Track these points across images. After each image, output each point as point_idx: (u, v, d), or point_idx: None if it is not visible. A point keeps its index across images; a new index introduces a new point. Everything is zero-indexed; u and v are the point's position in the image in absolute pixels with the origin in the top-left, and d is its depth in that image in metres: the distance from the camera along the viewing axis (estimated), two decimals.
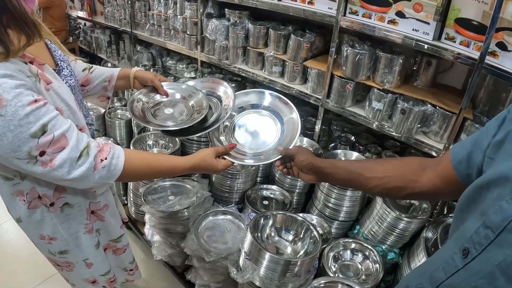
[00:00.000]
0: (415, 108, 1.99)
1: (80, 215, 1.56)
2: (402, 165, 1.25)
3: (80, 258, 1.67)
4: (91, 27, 5.50)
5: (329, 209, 2.20)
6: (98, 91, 1.85)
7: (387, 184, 1.25)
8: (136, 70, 1.88)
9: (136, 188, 2.57)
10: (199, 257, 2.04)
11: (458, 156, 1.01)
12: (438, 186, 1.11)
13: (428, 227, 1.92)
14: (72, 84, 1.45)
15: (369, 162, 1.41)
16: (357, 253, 2.05)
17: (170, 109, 1.81)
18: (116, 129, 3.07)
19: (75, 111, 1.34)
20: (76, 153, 1.20)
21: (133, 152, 1.46)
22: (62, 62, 1.46)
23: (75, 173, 1.21)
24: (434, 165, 1.14)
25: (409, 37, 1.90)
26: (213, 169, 1.55)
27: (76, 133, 1.23)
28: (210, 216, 2.20)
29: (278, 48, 2.62)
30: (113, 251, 1.87)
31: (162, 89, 1.84)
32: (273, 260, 1.60)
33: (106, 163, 1.27)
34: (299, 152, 1.51)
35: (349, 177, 1.38)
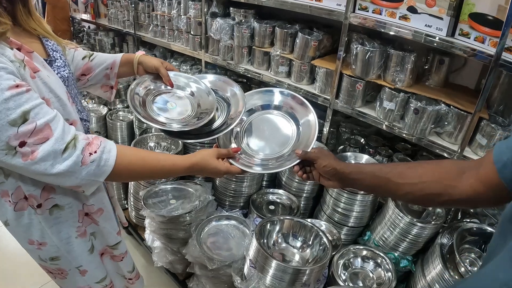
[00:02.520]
0: (429, 108, 1.90)
1: (71, 218, 1.43)
2: (438, 169, 1.13)
3: (73, 266, 1.54)
4: (94, 30, 5.47)
5: (338, 214, 2.11)
6: (100, 80, 1.73)
7: (421, 191, 1.14)
8: (140, 54, 1.74)
9: (136, 192, 2.48)
10: (201, 264, 1.95)
11: (503, 158, 0.91)
12: (480, 191, 1.00)
13: (443, 232, 1.83)
14: (65, 75, 1.36)
15: (399, 167, 1.28)
16: (368, 261, 1.96)
17: (173, 103, 1.66)
18: (117, 131, 3.01)
19: (65, 103, 1.25)
20: (61, 145, 1.10)
21: (127, 148, 1.34)
22: (54, 53, 1.37)
23: (60, 168, 1.10)
24: (474, 168, 1.03)
25: (422, 33, 1.82)
26: (214, 170, 1.41)
27: (62, 123, 1.13)
28: (213, 221, 2.11)
29: (284, 47, 2.53)
30: (111, 256, 1.74)
31: (167, 78, 1.67)
32: (280, 268, 1.51)
33: (95, 157, 1.16)
34: (321, 155, 1.35)
35: (377, 183, 1.25)
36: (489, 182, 0.96)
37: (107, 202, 1.57)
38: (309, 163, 1.40)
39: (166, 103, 1.65)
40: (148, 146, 2.62)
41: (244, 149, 1.56)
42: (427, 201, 1.18)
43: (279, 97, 1.68)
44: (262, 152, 1.56)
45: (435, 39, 1.78)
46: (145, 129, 2.79)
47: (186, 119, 1.60)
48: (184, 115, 1.62)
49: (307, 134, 1.53)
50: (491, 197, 0.99)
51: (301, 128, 1.58)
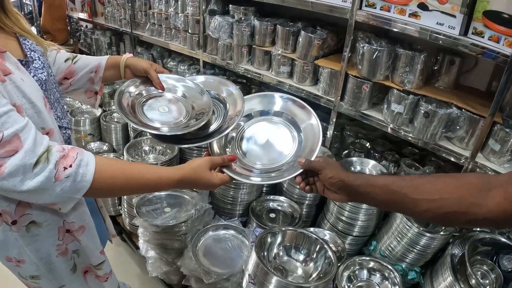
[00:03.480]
0: (440, 111, 1.80)
1: (50, 236, 1.29)
2: (461, 185, 1.01)
3: (55, 286, 1.42)
4: (91, 29, 5.41)
5: (342, 223, 2.01)
6: (84, 85, 1.60)
7: (441, 209, 1.01)
8: (127, 57, 1.60)
9: (130, 198, 2.36)
10: (197, 277, 1.84)
11: None
12: (509, 211, 0.90)
13: (454, 242, 1.73)
14: (43, 78, 1.23)
15: (416, 180, 1.11)
16: (374, 273, 1.85)
17: (165, 107, 1.53)
18: (112, 133, 2.93)
19: (40, 110, 1.12)
20: (32, 158, 0.98)
21: (107, 160, 1.20)
22: (32, 53, 1.25)
23: (30, 184, 0.98)
24: (502, 185, 0.93)
25: (434, 31, 1.72)
26: (207, 183, 1.26)
27: (34, 134, 1.01)
28: (210, 231, 2.00)
29: (286, 46, 2.43)
30: (95, 276, 1.58)
31: (158, 81, 1.55)
32: (281, 285, 1.39)
33: (70, 171, 1.03)
34: (326, 165, 1.21)
35: (392, 199, 1.11)
36: None
37: (88, 218, 1.42)
38: (313, 173, 1.26)
39: (158, 107, 1.52)
40: (142, 149, 2.52)
41: (240, 158, 1.43)
42: (449, 220, 1.04)
43: (280, 102, 1.55)
44: (259, 161, 1.42)
45: (447, 38, 1.69)
46: (140, 131, 2.69)
47: (180, 123, 1.47)
48: (178, 119, 1.48)
49: (310, 141, 1.40)
50: None
51: (303, 135, 1.45)
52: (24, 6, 6.92)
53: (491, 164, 1.74)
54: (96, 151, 2.93)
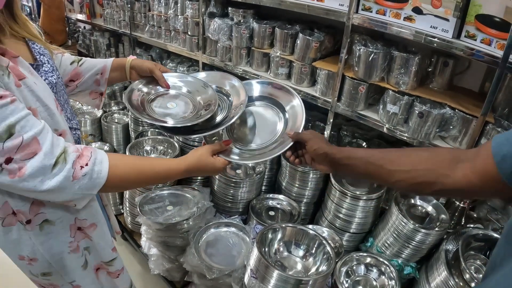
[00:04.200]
0: (434, 111, 1.84)
1: (63, 233, 1.34)
2: (432, 157, 1.11)
3: (65, 281, 1.46)
4: (90, 30, 5.41)
5: (340, 220, 2.06)
6: (90, 86, 1.66)
7: (414, 179, 1.11)
8: (132, 59, 1.68)
9: (132, 197, 2.40)
10: (199, 273, 1.88)
11: (502, 151, 0.88)
12: (475, 183, 0.97)
13: (448, 238, 1.79)
14: (53, 81, 1.28)
15: (392, 153, 1.24)
16: (371, 268, 1.90)
17: (173, 103, 1.61)
18: (112, 133, 2.95)
19: (53, 112, 1.17)
20: (51, 159, 1.03)
21: (119, 156, 1.28)
22: (41, 56, 1.29)
23: (50, 184, 1.03)
24: (470, 159, 1.00)
25: (428, 34, 1.77)
26: (212, 168, 1.38)
27: (51, 136, 1.06)
28: (212, 229, 2.04)
29: (284, 48, 2.47)
30: (107, 272, 1.63)
31: (163, 80, 1.64)
32: (282, 278, 1.44)
33: (87, 170, 1.09)
34: (313, 137, 1.35)
35: (369, 170, 1.23)
36: (485, 174, 0.93)
37: (100, 216, 1.48)
38: (301, 146, 1.39)
39: (166, 103, 1.61)
40: (144, 150, 2.56)
41: (234, 143, 1.57)
42: (419, 189, 1.16)
43: (258, 87, 1.71)
44: (254, 143, 1.56)
45: (441, 41, 1.73)
46: (141, 132, 2.73)
47: (189, 115, 1.57)
48: (186, 113, 1.58)
49: (294, 118, 1.56)
50: (488, 189, 0.98)
51: (288, 114, 1.59)
52: (23, 7, 6.92)
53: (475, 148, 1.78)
54: None
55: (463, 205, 2.06)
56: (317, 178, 2.13)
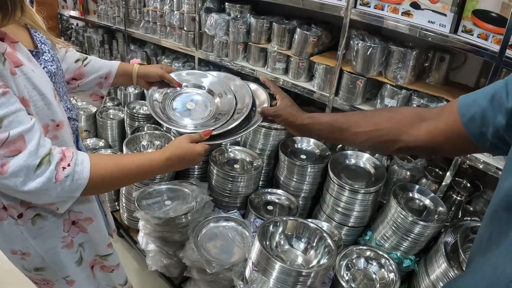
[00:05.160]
0: (431, 105, 1.85)
1: (56, 228, 1.31)
2: (395, 116, 1.15)
3: (59, 276, 1.42)
4: (83, 27, 5.36)
5: (338, 214, 2.05)
6: (92, 88, 1.65)
7: (377, 138, 1.16)
8: (138, 67, 1.69)
9: (129, 193, 2.38)
10: (199, 268, 1.87)
11: (469, 112, 0.92)
12: (439, 140, 1.02)
13: (446, 231, 1.80)
14: (53, 70, 1.26)
15: (356, 116, 1.31)
16: (371, 261, 1.90)
17: (191, 104, 1.66)
18: (107, 129, 2.94)
19: (50, 102, 1.14)
20: (35, 160, 1.00)
21: (98, 155, 1.25)
22: (42, 45, 1.27)
23: (32, 185, 1.00)
24: (434, 117, 1.04)
25: (425, 29, 1.79)
26: (191, 153, 1.35)
27: (39, 136, 1.03)
28: (211, 223, 2.03)
29: (282, 43, 2.47)
30: (101, 267, 1.60)
31: (174, 81, 1.67)
32: (284, 271, 1.43)
33: (69, 171, 1.06)
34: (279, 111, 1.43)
35: (334, 134, 1.31)
36: (451, 133, 0.97)
37: (97, 210, 1.46)
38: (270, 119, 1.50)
39: (185, 104, 1.65)
40: (140, 145, 2.54)
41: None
42: (384, 148, 1.19)
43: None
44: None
45: (438, 36, 1.75)
46: (137, 127, 2.71)
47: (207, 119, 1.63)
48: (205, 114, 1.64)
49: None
50: (452, 147, 1.02)
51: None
52: None
53: (480, 155, 1.79)
54: (92, 147, 2.94)
55: (460, 198, 2.08)
56: (315, 172, 2.13)
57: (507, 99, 0.83)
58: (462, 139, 0.94)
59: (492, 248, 0.79)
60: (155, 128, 2.71)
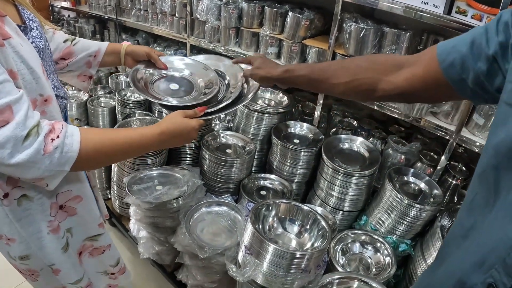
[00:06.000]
0: None
1: (42, 211, 1.27)
2: (372, 65, 1.16)
3: (44, 264, 1.39)
4: (74, 18, 5.29)
5: (333, 198, 2.03)
6: (80, 67, 1.62)
7: (356, 88, 1.19)
8: (127, 45, 1.68)
9: (120, 179, 2.33)
10: (191, 253, 1.84)
11: (449, 58, 0.92)
12: (418, 87, 1.03)
13: (442, 214, 1.78)
14: (41, 46, 1.22)
15: (332, 66, 1.31)
16: (367, 246, 1.89)
17: (175, 85, 1.65)
18: (99, 117, 2.89)
19: (38, 76, 1.10)
20: (23, 131, 0.96)
21: (89, 129, 1.19)
22: (31, 22, 1.23)
23: (20, 157, 0.96)
24: (412, 64, 1.05)
25: (419, 9, 1.75)
26: (186, 127, 1.33)
27: (27, 107, 0.99)
28: (203, 208, 1.99)
29: (274, 27, 2.44)
30: (90, 253, 1.57)
31: (160, 62, 1.68)
32: (278, 253, 1.40)
33: (58, 143, 1.02)
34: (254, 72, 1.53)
35: (313, 85, 1.37)
36: (430, 79, 0.98)
37: (87, 190, 1.43)
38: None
39: (169, 85, 1.66)
40: None
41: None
42: (363, 97, 1.24)
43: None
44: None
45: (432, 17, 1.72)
46: (128, 114, 2.67)
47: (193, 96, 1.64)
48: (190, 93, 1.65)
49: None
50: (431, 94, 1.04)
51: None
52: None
53: (476, 138, 1.77)
54: None
55: (455, 182, 2.06)
56: (309, 156, 2.10)
57: (487, 46, 0.82)
58: (441, 85, 0.95)
59: (485, 213, 0.75)
60: (146, 114, 2.67)
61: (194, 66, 1.78)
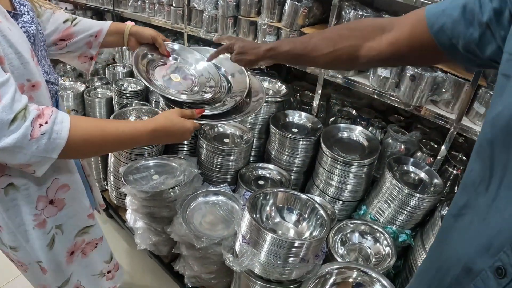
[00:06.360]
0: (426, 74, 1.79)
1: (28, 203, 1.25)
2: (354, 33, 1.13)
3: (32, 259, 1.37)
4: (71, 10, 5.25)
5: (332, 188, 2.01)
6: (81, 48, 1.58)
7: (339, 58, 1.17)
8: (131, 25, 1.62)
9: (116, 169, 2.31)
10: (188, 243, 1.81)
11: (439, 22, 0.89)
12: (403, 51, 1.01)
13: (443, 204, 1.76)
14: (32, 31, 1.19)
15: (313, 39, 1.26)
16: (366, 236, 1.86)
17: (177, 76, 1.60)
18: (95, 108, 2.86)
19: (27, 61, 1.08)
20: (10, 114, 0.93)
21: (81, 117, 1.19)
22: (21, 7, 1.20)
23: (6, 141, 0.93)
24: (397, 28, 1.02)
25: None
26: (181, 128, 1.30)
27: (14, 90, 0.96)
28: (200, 197, 1.97)
29: (272, 15, 2.40)
30: (82, 251, 1.54)
31: (164, 47, 1.62)
32: (275, 242, 1.38)
33: (46, 128, 0.99)
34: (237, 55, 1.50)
35: (296, 60, 1.41)
36: (417, 43, 0.96)
37: (77, 179, 1.40)
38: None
39: (169, 74, 1.61)
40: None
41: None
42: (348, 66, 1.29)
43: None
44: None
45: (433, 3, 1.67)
46: (124, 104, 2.64)
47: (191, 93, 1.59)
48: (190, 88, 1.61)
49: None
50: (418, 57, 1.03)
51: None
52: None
53: (477, 127, 1.75)
54: None
55: (456, 172, 2.03)
56: (307, 145, 2.08)
57: (481, 12, 0.78)
58: (430, 49, 0.93)
59: (480, 191, 0.71)
60: (143, 104, 2.65)
61: (199, 60, 1.72)
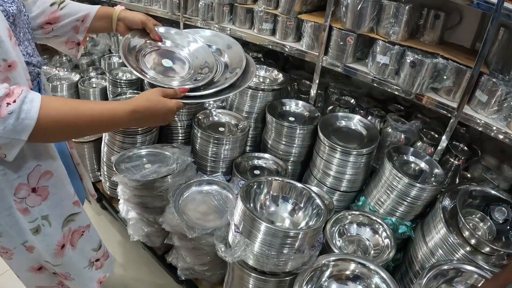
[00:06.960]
0: (426, 60, 1.74)
1: (9, 187, 1.19)
2: None
3: (18, 242, 1.31)
4: None
5: (330, 178, 1.97)
6: (67, 32, 1.51)
7: None
8: (120, 9, 1.55)
9: (109, 159, 2.25)
10: (180, 234, 1.76)
11: None
12: None
13: (444, 195, 1.71)
14: (11, 11, 1.12)
15: None
16: (365, 227, 1.82)
17: (168, 61, 1.54)
18: (90, 98, 2.86)
19: (2, 40, 1.01)
20: None
21: (54, 97, 1.09)
22: None
23: None
24: None
25: None
26: (163, 107, 1.24)
27: None
28: (193, 186, 1.92)
29: (269, 2, 2.34)
30: (71, 243, 1.48)
31: (155, 32, 1.56)
32: (270, 232, 1.33)
33: (13, 107, 0.93)
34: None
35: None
36: None
37: (59, 166, 1.34)
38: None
39: (160, 60, 1.54)
40: None
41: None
42: None
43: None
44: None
45: None
46: (119, 93, 2.59)
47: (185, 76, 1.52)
48: (184, 72, 1.54)
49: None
50: None
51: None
52: None
53: (479, 115, 1.70)
54: None
55: (457, 162, 1.99)
56: (305, 134, 2.04)
57: None
58: None
59: None
60: (137, 93, 2.59)
61: (192, 43, 1.65)
